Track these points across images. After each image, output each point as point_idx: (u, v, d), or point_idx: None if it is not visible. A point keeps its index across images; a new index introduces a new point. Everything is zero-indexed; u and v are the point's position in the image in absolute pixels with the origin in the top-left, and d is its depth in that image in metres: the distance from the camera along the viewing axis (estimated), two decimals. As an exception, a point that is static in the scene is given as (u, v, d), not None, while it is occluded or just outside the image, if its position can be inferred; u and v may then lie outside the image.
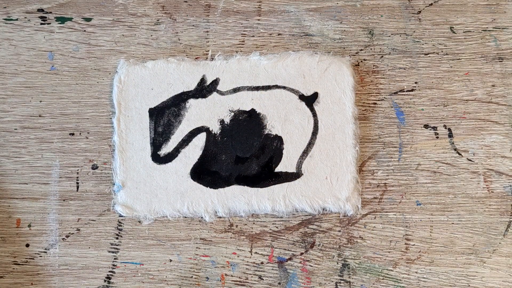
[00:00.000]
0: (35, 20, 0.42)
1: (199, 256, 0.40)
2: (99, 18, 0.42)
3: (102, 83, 0.42)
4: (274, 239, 0.40)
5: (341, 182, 0.39)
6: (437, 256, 0.39)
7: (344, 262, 0.39)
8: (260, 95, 0.40)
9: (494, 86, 0.41)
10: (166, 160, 0.40)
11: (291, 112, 0.40)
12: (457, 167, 0.40)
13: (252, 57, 0.41)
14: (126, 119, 0.41)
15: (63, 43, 0.42)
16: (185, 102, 0.41)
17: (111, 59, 0.42)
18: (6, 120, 0.41)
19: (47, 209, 0.40)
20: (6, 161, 0.41)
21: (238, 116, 0.40)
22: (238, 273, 0.39)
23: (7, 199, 0.41)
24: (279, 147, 0.40)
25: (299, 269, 0.39)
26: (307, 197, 0.39)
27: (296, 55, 0.41)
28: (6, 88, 0.42)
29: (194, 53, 0.42)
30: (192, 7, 0.42)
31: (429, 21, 0.42)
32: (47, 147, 0.41)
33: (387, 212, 0.40)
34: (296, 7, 0.42)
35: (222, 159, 0.40)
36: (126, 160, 0.40)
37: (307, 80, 0.40)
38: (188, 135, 0.40)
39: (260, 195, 0.39)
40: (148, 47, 0.42)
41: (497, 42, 0.41)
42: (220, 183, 0.40)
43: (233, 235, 0.40)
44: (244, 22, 0.42)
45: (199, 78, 0.41)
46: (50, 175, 0.41)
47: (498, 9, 0.42)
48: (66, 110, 0.41)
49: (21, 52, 0.42)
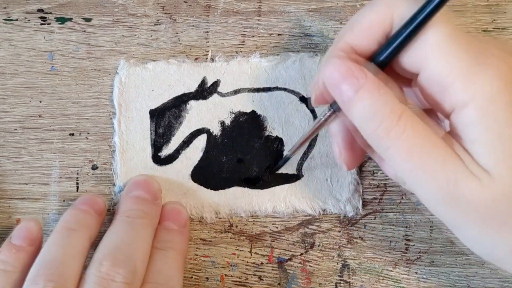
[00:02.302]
0: (35, 21, 0.42)
1: (199, 256, 0.40)
2: (99, 19, 0.42)
3: (102, 83, 0.42)
4: (274, 240, 0.40)
5: (341, 183, 0.39)
6: (437, 256, 0.39)
7: (344, 263, 0.39)
8: (260, 97, 0.40)
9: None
10: (166, 161, 0.40)
11: (292, 113, 0.40)
12: (456, 168, 0.40)
13: (252, 59, 0.41)
14: (127, 120, 0.41)
15: (63, 44, 0.42)
16: (186, 104, 0.41)
17: (111, 60, 0.42)
18: (6, 120, 0.41)
19: (47, 209, 0.40)
20: (6, 162, 0.41)
21: (238, 118, 0.40)
22: (238, 273, 0.39)
23: (7, 200, 0.41)
24: (279, 148, 0.40)
25: (299, 270, 0.39)
26: (307, 198, 0.39)
27: (297, 57, 0.41)
28: (6, 88, 0.42)
29: (194, 54, 0.42)
30: (192, 8, 0.42)
31: (429, 21, 0.42)
32: (47, 147, 0.41)
33: (387, 212, 0.40)
34: (296, 8, 0.42)
35: (223, 161, 0.40)
36: (126, 161, 0.40)
37: (308, 82, 0.40)
38: (189, 137, 0.40)
39: (260, 196, 0.40)
40: (148, 48, 0.42)
41: (497, 42, 0.41)
42: (221, 184, 0.40)
43: (233, 235, 0.40)
44: (244, 23, 0.42)
45: (200, 79, 0.41)
46: (50, 176, 0.41)
47: (498, 10, 0.42)
48: (66, 111, 0.41)
49: (21, 53, 0.42)
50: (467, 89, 0.27)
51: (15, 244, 0.36)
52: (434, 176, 0.28)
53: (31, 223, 0.37)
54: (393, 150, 0.28)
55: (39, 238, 0.37)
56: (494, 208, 0.27)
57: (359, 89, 0.28)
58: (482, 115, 0.27)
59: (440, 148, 0.28)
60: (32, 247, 0.36)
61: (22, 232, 0.36)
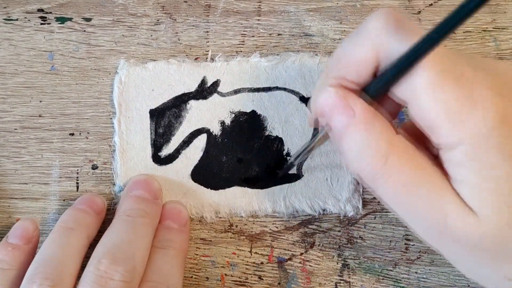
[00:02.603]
0: (35, 20, 0.42)
1: (199, 256, 0.40)
2: (99, 18, 0.42)
3: (102, 83, 0.42)
4: (274, 239, 0.40)
5: (341, 183, 0.39)
6: (437, 256, 0.39)
7: (344, 262, 0.39)
8: (260, 97, 0.40)
9: (493, 87, 0.41)
10: (166, 161, 0.40)
11: (292, 113, 0.40)
12: (456, 167, 0.40)
13: (252, 59, 0.41)
14: (127, 120, 0.41)
15: (63, 43, 0.42)
16: (186, 103, 0.41)
17: (111, 59, 0.42)
18: (6, 120, 0.41)
19: (47, 209, 0.40)
20: (6, 161, 0.41)
21: (238, 118, 0.40)
22: (238, 273, 0.39)
23: (7, 199, 0.41)
24: (279, 148, 0.40)
25: (299, 269, 0.39)
26: (307, 198, 0.39)
27: (297, 56, 0.41)
28: (6, 88, 0.42)
29: (194, 53, 0.42)
30: (192, 7, 0.42)
31: (429, 21, 0.42)
32: (47, 147, 0.41)
33: (387, 212, 0.40)
34: (296, 7, 0.42)
35: (223, 161, 0.40)
36: (126, 161, 0.40)
37: (308, 82, 0.40)
38: (189, 136, 0.40)
39: (260, 196, 0.40)
40: (148, 47, 0.42)
41: (497, 42, 0.41)
42: (221, 184, 0.40)
43: (233, 235, 0.40)
44: (244, 22, 0.42)
45: (200, 79, 0.41)
46: (50, 175, 0.41)
47: (498, 9, 0.42)
48: (66, 110, 0.41)
49: (21, 52, 0.42)
50: (454, 132, 0.27)
51: (11, 242, 0.36)
52: (423, 215, 0.28)
53: (27, 222, 0.38)
54: (379, 192, 0.29)
55: (35, 236, 0.37)
56: (483, 246, 0.28)
57: (348, 125, 0.28)
58: (469, 159, 0.27)
59: (428, 186, 0.28)
60: (29, 246, 0.37)
61: (18, 231, 0.37)
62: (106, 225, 0.37)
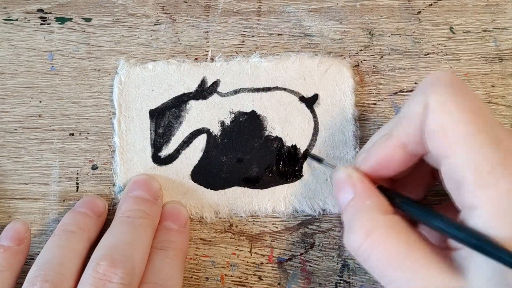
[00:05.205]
0: (35, 21, 0.42)
1: (199, 256, 0.40)
2: (99, 19, 0.42)
3: (102, 83, 0.42)
4: (274, 240, 0.40)
5: (341, 183, 0.39)
6: (437, 256, 0.39)
7: (344, 263, 0.39)
8: (260, 97, 0.40)
9: (493, 87, 0.41)
10: (166, 161, 0.40)
11: (292, 113, 0.40)
12: (456, 168, 0.40)
13: (252, 59, 0.41)
14: (127, 120, 0.41)
15: (63, 44, 0.42)
16: (186, 104, 0.41)
17: (111, 60, 0.42)
18: (6, 120, 0.41)
19: (47, 210, 0.40)
20: (6, 162, 0.41)
21: (238, 118, 0.40)
22: (238, 273, 0.39)
23: (7, 200, 0.41)
24: (279, 148, 0.40)
25: (299, 270, 0.39)
26: (307, 198, 0.39)
27: (297, 57, 0.41)
28: (6, 88, 0.42)
29: (194, 54, 0.42)
30: (192, 8, 0.42)
31: (429, 21, 0.42)
32: (47, 147, 0.41)
33: (387, 212, 0.40)
34: (296, 8, 0.42)
35: (222, 161, 0.40)
36: (126, 161, 0.40)
37: (308, 82, 0.40)
38: (189, 137, 0.40)
39: (260, 196, 0.40)
40: (148, 48, 0.42)
41: (497, 42, 0.41)
42: (221, 184, 0.40)
43: (233, 235, 0.40)
44: (244, 23, 0.42)
45: (200, 79, 0.41)
46: (50, 176, 0.41)
47: (498, 10, 0.42)
48: (66, 111, 0.41)
49: (21, 53, 0.42)
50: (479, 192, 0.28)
51: (3, 244, 0.37)
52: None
53: (18, 224, 0.38)
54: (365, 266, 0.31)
55: (27, 237, 0.38)
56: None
57: (347, 204, 0.32)
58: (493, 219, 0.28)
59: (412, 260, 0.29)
60: (20, 247, 0.38)
61: (9, 233, 0.38)
62: (107, 226, 0.38)
